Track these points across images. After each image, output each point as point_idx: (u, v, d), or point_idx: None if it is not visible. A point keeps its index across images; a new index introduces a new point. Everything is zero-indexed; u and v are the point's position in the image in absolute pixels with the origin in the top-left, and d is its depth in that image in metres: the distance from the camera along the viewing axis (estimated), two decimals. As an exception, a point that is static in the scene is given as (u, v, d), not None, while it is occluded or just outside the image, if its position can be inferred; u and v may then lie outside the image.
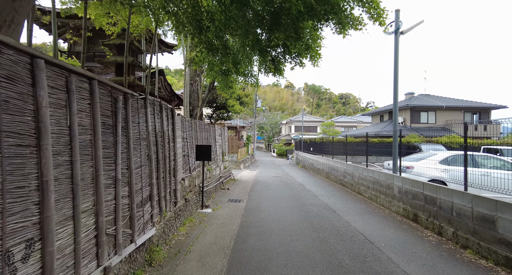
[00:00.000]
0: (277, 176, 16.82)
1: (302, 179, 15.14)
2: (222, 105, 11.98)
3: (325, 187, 12.14)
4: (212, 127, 11.55)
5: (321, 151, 17.72)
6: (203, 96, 10.35)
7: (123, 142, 3.65)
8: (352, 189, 10.91)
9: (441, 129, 28.49)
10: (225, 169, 13.47)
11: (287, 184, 13.16)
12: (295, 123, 45.75)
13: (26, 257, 1.99)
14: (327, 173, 14.96)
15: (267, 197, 9.89)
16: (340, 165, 12.66)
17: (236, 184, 13.21)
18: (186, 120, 7.86)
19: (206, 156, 7.81)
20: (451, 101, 31.00)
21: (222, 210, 7.93)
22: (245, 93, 14.85)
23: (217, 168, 11.57)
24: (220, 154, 12.66)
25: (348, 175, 11.50)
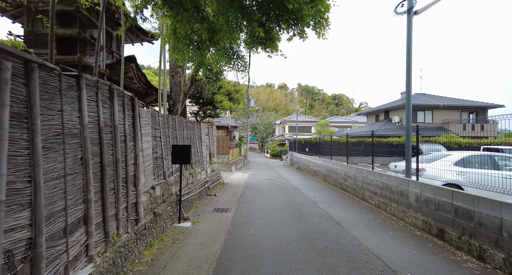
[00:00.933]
0: (271, 179, 15.46)
1: (297, 182, 13.81)
2: (209, 100, 10.64)
3: (323, 192, 10.83)
4: (197, 125, 10.13)
5: (318, 152, 16.44)
6: (185, 89, 8.93)
7: (19, 139, 2.24)
8: (355, 195, 9.61)
9: (437, 129, 27.64)
10: (212, 172, 12.06)
11: (282, 188, 11.81)
12: (289, 123, 44.54)
13: None
14: (324, 176, 13.66)
15: (259, 205, 8.52)
16: (340, 167, 11.37)
17: (225, 188, 11.81)
18: (159, 115, 6.45)
19: (184, 158, 6.39)
20: (448, 100, 30.18)
21: (204, 224, 6.52)
22: (235, 89, 13.44)
23: (202, 171, 10.15)
24: (206, 156, 11.25)
25: (349, 179, 10.20)
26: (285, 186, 12.52)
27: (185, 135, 8.52)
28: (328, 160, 13.24)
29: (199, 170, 9.77)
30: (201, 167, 10.21)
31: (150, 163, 5.57)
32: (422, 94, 32.25)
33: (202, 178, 9.97)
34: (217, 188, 11.76)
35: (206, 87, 9.36)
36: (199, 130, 10.32)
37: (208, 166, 11.36)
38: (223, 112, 11.43)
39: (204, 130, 11.05)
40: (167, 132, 6.93)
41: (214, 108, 10.66)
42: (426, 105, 28.74)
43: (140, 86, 8.15)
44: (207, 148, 11.50)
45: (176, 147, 6.39)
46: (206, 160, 11.17)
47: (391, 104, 31.94)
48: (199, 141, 10.26)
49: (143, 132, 5.22)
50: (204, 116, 11.20)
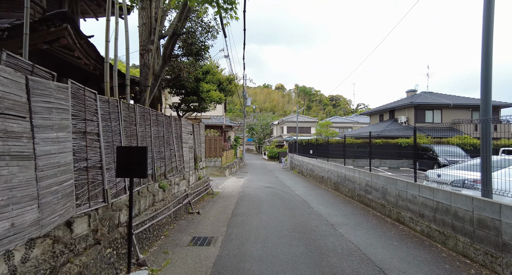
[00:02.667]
0: (271, 186, 12.96)
1: (302, 192, 11.33)
2: (193, 90, 8.19)
3: (339, 207, 8.35)
4: (175, 121, 7.62)
5: (324, 155, 13.98)
6: (157, 69, 6.41)
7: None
8: (385, 213, 7.15)
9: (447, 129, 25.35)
10: (198, 181, 9.54)
11: (285, 201, 9.32)
12: (287, 123, 42.12)
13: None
14: (335, 184, 11.19)
15: (256, 231, 6.01)
16: (358, 175, 8.91)
17: (215, 201, 9.28)
18: (98, 99, 3.95)
19: (137, 168, 3.84)
20: (457, 99, 27.98)
21: (170, 274, 4.00)
22: (227, 77, 10.93)
23: (182, 181, 7.62)
24: (190, 160, 8.73)
25: (374, 191, 7.74)
26: (289, 197, 10.03)
27: (153, 133, 6.00)
28: (341, 166, 10.78)
29: (176, 180, 7.24)
30: (180, 175, 7.68)
31: (70, 177, 3.06)
32: (429, 93, 30.02)
33: (181, 190, 7.44)
34: (204, 201, 9.23)
35: (185, 68, 6.85)
36: (178, 127, 7.80)
37: (191, 174, 8.83)
38: (212, 105, 9.03)
39: (186, 128, 8.53)
40: (115, 127, 4.41)
41: (200, 99, 8.15)
42: (434, 104, 26.50)
43: (89, 64, 5.62)
44: (191, 150, 8.97)
45: (122, 151, 3.85)
46: (189, 165, 8.64)
47: (396, 103, 29.67)
48: (178, 142, 7.74)
49: (44, 123, 2.72)
50: (188, 109, 8.76)
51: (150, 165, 5.78)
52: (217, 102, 9.33)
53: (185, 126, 8.40)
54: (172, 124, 7.26)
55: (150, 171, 5.77)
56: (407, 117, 27.46)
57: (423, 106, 26.45)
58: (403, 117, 27.52)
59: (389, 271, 4.05)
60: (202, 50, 6.54)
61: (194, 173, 9.25)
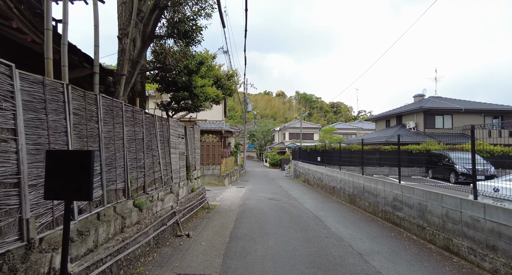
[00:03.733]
0: (275, 198, 11.40)
1: (313, 205, 9.76)
2: (184, 85, 6.77)
3: (362, 227, 6.78)
4: (160, 121, 6.15)
5: (335, 162, 12.48)
6: (135, 54, 4.97)
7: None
8: (424, 237, 5.59)
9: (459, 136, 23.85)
10: (191, 193, 8.00)
11: (294, 218, 7.76)
12: (289, 129, 40.64)
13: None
14: (351, 196, 9.64)
15: (262, 265, 4.46)
16: (383, 187, 7.37)
17: (210, 218, 7.74)
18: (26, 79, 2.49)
19: (78, 186, 2.34)
20: (468, 103, 26.55)
21: None
22: (226, 73, 9.51)
23: (168, 196, 6.09)
24: (180, 169, 7.22)
25: (407, 208, 6.20)
26: (297, 212, 8.47)
27: (128, 134, 4.53)
28: (357, 175, 9.25)
29: (160, 194, 5.72)
30: (167, 188, 6.16)
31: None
32: (437, 97, 28.66)
33: (166, 207, 5.90)
34: (197, 218, 7.68)
35: (170, 52, 5.42)
36: (165, 128, 6.32)
37: (182, 185, 7.30)
38: (208, 103, 7.58)
39: (176, 130, 7.05)
40: (56, 123, 2.94)
41: (192, 95, 6.70)
42: (445, 109, 25.07)
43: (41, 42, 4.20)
44: (182, 157, 7.47)
45: (55, 158, 2.36)
46: (179, 175, 7.12)
47: (404, 108, 28.25)
48: (165, 147, 6.25)
49: None
50: (178, 108, 7.30)
51: (121, 176, 4.29)
52: (214, 101, 7.87)
53: (174, 127, 6.92)
54: (156, 125, 5.79)
55: (121, 184, 4.27)
56: (416, 123, 26.01)
57: (433, 111, 25.03)
58: (411, 123, 26.05)
59: None
60: (192, 31, 5.12)
61: (186, 184, 7.73)
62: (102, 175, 3.76)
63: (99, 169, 3.74)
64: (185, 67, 6.26)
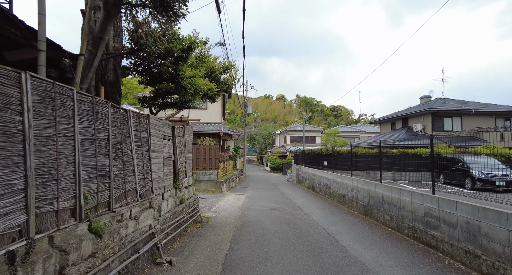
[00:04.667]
0: (278, 207, 10.09)
1: (322, 216, 8.46)
2: (170, 75, 5.56)
3: (388, 249, 5.48)
4: (137, 118, 4.90)
5: (345, 167, 11.21)
6: (97, 27, 3.73)
7: None
8: (478, 268, 4.29)
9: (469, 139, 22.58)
10: (179, 206, 6.71)
11: (302, 235, 6.46)
12: (290, 133, 39.37)
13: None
14: (366, 206, 8.35)
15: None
16: (409, 198, 6.08)
17: (202, 235, 6.45)
18: None
19: None
20: (478, 105, 25.32)
21: None
22: (221, 65, 8.16)
23: (144, 212, 4.79)
24: (165, 178, 5.93)
25: (447, 227, 4.90)
26: (306, 228, 7.16)
27: (82, 133, 3.28)
28: (375, 183, 7.97)
29: (134, 211, 4.44)
30: (144, 203, 4.87)
31: None
32: (444, 99, 27.43)
33: (142, 228, 4.59)
34: (186, 235, 6.39)
35: (145, 27, 4.20)
36: (144, 127, 5.06)
37: (167, 197, 6.01)
38: (198, 98, 6.30)
39: (159, 130, 5.79)
40: None
41: (179, 87, 5.45)
42: (454, 111, 23.84)
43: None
44: (167, 162, 6.20)
45: None
46: (163, 185, 5.84)
47: (410, 110, 27.02)
48: (142, 150, 4.98)
49: None
50: (162, 104, 6.07)
51: (69, 191, 3.03)
52: (207, 96, 6.61)
53: (157, 127, 5.66)
54: (130, 122, 4.54)
55: (69, 202, 3.02)
56: (423, 125, 24.73)
57: (441, 113, 23.78)
58: (418, 125, 24.78)
59: None
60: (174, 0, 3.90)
61: (172, 194, 6.44)
62: (28, 192, 2.51)
63: (23, 182, 2.48)
64: (167, 51, 5.01)
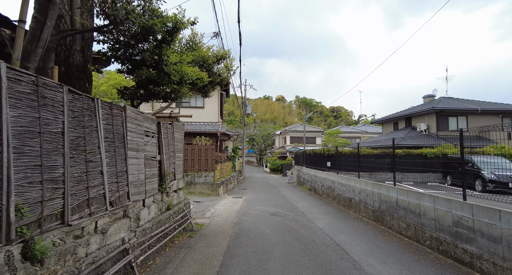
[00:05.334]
0: (278, 212, 9.21)
1: (327, 223, 7.58)
2: (154, 62, 4.74)
3: (409, 265, 4.60)
4: (109, 109, 4.04)
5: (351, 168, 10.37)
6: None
7: None
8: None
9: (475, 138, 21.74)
10: (166, 213, 5.83)
11: (307, 246, 5.58)
12: (290, 133, 38.52)
13: None
14: (376, 212, 7.48)
15: None
16: (431, 204, 5.21)
17: (191, 247, 5.57)
18: None
19: None
20: (484, 104, 24.49)
21: None
22: (215, 53, 7.21)
23: (115, 224, 3.91)
24: (148, 181, 5.06)
25: (488, 240, 4.03)
26: (311, 237, 6.28)
27: (13, 122, 2.41)
28: (387, 185, 7.12)
29: (102, 223, 3.55)
30: (117, 211, 3.99)
31: None
32: (448, 98, 26.62)
33: (111, 243, 3.70)
34: (173, 247, 5.51)
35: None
36: (117, 121, 4.19)
37: (149, 204, 5.13)
38: (186, 89, 5.38)
39: (140, 125, 4.92)
40: None
41: (162, 74, 4.61)
42: (459, 110, 23.02)
43: None
44: (151, 163, 5.33)
45: None
46: (145, 189, 4.96)
47: (414, 109, 26.18)
48: (116, 147, 4.10)
49: None
50: (145, 95, 5.22)
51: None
52: (197, 87, 5.75)
53: (137, 121, 4.79)
54: (98, 114, 3.67)
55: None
56: (428, 125, 23.91)
57: (446, 112, 22.95)
58: (422, 125, 23.94)
59: None
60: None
61: (157, 200, 5.57)
62: None
63: None
64: (146, 29, 4.14)
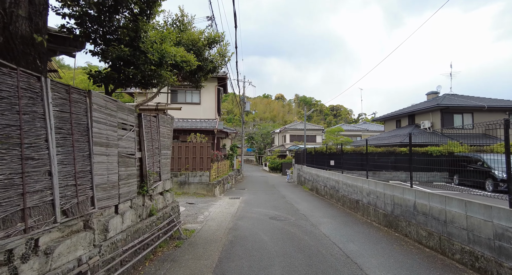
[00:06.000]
0: (278, 216, 8.35)
1: (333, 229, 6.72)
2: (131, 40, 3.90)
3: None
4: (66, 92, 3.16)
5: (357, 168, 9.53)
6: None
7: None
8: None
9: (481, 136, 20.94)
10: (147, 219, 4.97)
11: (312, 259, 4.71)
12: (290, 131, 37.63)
13: None
14: (389, 217, 6.63)
15: None
16: (461, 210, 4.36)
17: (175, 261, 4.69)
18: None
19: None
20: (489, 101, 23.66)
21: None
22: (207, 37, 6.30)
23: (70, 239, 3.05)
24: (122, 183, 4.21)
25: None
26: (316, 247, 5.43)
27: None
28: (402, 187, 6.27)
29: (48, 240, 2.66)
30: (75, 223, 3.10)
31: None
32: (453, 95, 25.75)
33: (60, 266, 2.83)
34: (154, 260, 4.64)
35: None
36: (76, 108, 3.30)
37: (123, 210, 4.26)
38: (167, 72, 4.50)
39: (112, 115, 4.04)
40: None
41: (139, 53, 3.81)
42: (465, 107, 22.17)
43: None
44: (129, 161, 4.45)
45: None
46: (119, 192, 4.09)
47: (417, 107, 25.32)
48: (75, 141, 3.21)
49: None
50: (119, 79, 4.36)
51: None
52: (183, 71, 4.85)
53: (106, 110, 3.91)
54: (46, 97, 2.80)
55: None
56: (432, 122, 23.08)
57: (451, 109, 22.11)
58: (426, 122, 23.11)
59: None
60: None
61: (136, 205, 4.70)
62: None
63: None
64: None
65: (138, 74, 4.03)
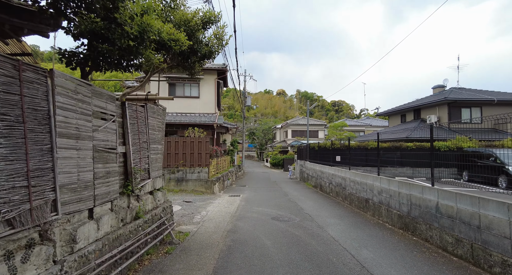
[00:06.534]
0: (281, 216, 7.68)
1: (342, 231, 6.05)
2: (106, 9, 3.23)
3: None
4: (8, 67, 2.44)
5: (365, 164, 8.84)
6: None
7: None
8: None
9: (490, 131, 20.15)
10: (132, 223, 4.32)
11: (322, 271, 4.05)
12: (292, 127, 36.85)
13: None
14: (405, 219, 5.94)
15: None
16: (503, 215, 3.65)
17: (163, 271, 4.03)
18: None
19: None
20: (499, 94, 22.78)
21: None
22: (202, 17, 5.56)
23: (16, 256, 2.36)
24: (99, 183, 3.55)
25: None
26: (325, 253, 4.75)
27: None
28: (422, 185, 5.57)
29: None
30: (24, 236, 2.43)
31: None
32: (460, 88, 24.84)
33: None
34: (140, 269, 3.97)
35: None
36: (33, 91, 2.59)
37: (101, 215, 3.58)
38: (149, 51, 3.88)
39: (87, 103, 3.33)
40: None
41: (113, 25, 3.17)
42: (473, 100, 21.33)
43: None
44: (108, 156, 3.76)
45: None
46: (96, 193, 3.41)
47: (423, 101, 24.45)
48: (24, 132, 2.53)
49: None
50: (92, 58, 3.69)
51: None
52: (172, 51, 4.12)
53: (76, 95, 3.21)
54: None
55: None
56: (439, 116, 22.26)
57: (459, 103, 21.27)
58: (433, 116, 22.28)
59: None
60: None
61: (119, 207, 4.02)
62: None
63: None
64: None
65: (115, 51, 3.31)
